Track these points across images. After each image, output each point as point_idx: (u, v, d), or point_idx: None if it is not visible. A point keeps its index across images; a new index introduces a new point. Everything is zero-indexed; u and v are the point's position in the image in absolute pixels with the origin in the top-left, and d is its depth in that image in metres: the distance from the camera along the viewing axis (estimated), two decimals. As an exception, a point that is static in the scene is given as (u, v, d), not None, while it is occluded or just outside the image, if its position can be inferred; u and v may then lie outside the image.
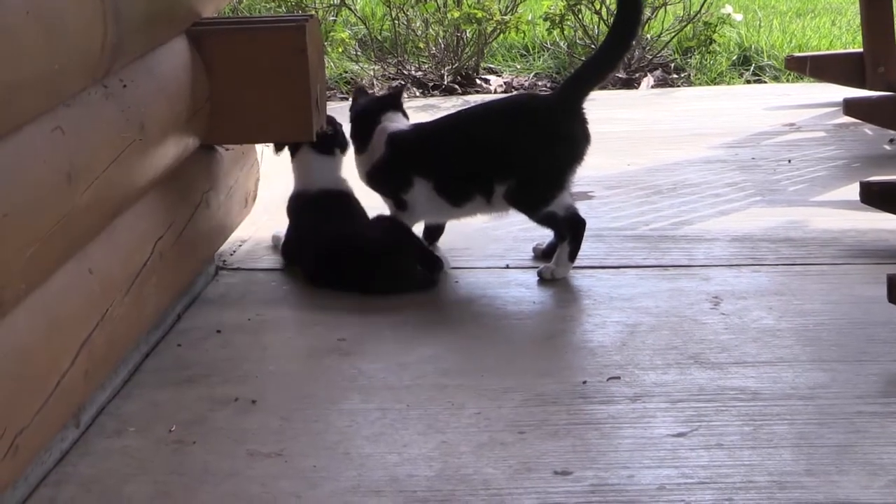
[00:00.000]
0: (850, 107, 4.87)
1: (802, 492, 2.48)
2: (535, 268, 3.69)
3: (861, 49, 5.09)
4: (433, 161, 3.71)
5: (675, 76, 6.23)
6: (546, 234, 3.75)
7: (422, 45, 6.31)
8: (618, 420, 2.80)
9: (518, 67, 6.39)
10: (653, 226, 4.06)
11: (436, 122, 3.90)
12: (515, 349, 3.24)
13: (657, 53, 6.28)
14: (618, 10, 3.76)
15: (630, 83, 6.11)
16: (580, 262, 3.67)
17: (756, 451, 2.64)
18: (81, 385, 2.67)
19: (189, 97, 3.34)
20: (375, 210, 3.80)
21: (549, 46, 6.47)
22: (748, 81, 6.14)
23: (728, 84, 6.12)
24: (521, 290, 3.59)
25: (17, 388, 2.39)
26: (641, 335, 3.23)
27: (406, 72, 6.21)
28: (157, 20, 3.20)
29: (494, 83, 6.15)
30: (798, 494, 2.47)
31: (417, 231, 3.79)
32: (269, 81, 3.47)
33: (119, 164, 2.82)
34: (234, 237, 3.92)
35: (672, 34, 6.32)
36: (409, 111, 3.90)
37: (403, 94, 3.99)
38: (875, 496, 2.46)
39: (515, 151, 3.61)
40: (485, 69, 6.35)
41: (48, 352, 2.53)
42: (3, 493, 2.40)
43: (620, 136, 5.03)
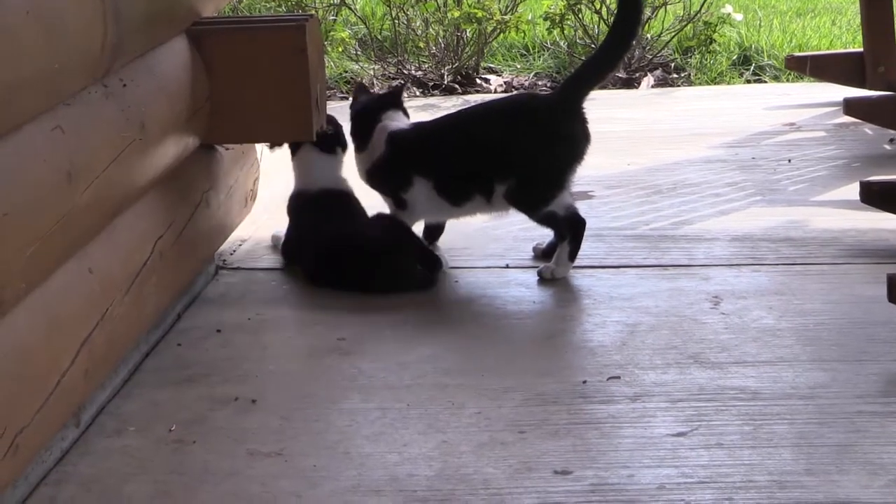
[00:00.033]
0: (851, 106, 4.87)
1: (802, 491, 2.48)
2: (535, 267, 3.69)
3: (861, 49, 5.08)
4: (433, 160, 3.71)
5: (676, 76, 6.23)
6: (546, 234, 3.75)
7: (422, 45, 6.30)
8: (618, 420, 2.80)
9: (518, 67, 6.39)
10: (653, 225, 4.06)
11: (436, 122, 3.90)
12: (515, 349, 3.23)
13: (657, 53, 6.28)
14: (618, 10, 3.76)
15: (630, 83, 6.11)
16: (580, 262, 3.67)
17: (756, 451, 2.64)
18: (81, 384, 2.67)
19: (189, 97, 3.34)
20: (375, 209, 3.79)
21: (550, 46, 6.47)
22: (748, 81, 6.14)
23: (728, 84, 6.11)
24: (521, 290, 3.59)
25: (18, 388, 2.39)
26: (641, 335, 3.23)
27: (406, 71, 6.20)
28: (158, 20, 3.20)
29: (494, 83, 6.15)
30: (798, 494, 2.47)
31: (417, 230, 3.79)
32: (270, 81, 3.47)
33: (119, 164, 2.82)
34: (234, 236, 3.92)
35: (672, 34, 6.31)
36: (410, 111, 3.89)
37: (404, 93, 3.99)
38: (875, 495, 2.46)
39: (515, 151, 3.61)
40: (485, 69, 6.35)
41: (48, 351, 2.53)
42: (4, 492, 2.40)
43: (620, 136, 5.03)
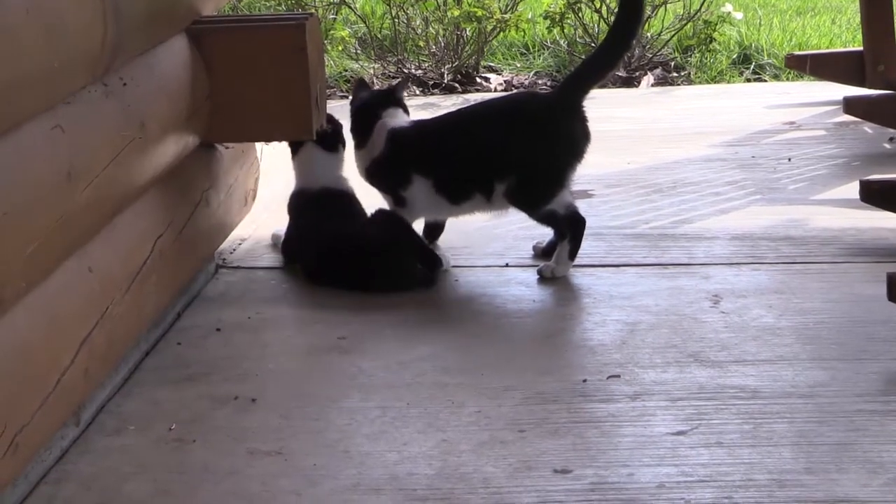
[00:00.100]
0: (851, 105, 4.87)
1: (802, 490, 2.48)
2: (535, 266, 3.69)
3: (861, 47, 5.08)
4: (433, 159, 3.71)
5: (676, 74, 6.23)
6: (546, 233, 3.75)
7: (422, 44, 6.30)
8: (618, 418, 2.80)
9: (518, 66, 6.38)
10: (653, 224, 4.06)
11: (436, 120, 3.90)
12: (515, 347, 3.24)
13: (657, 52, 6.28)
14: (619, 9, 3.76)
15: (630, 81, 6.11)
16: (580, 261, 3.67)
17: (756, 450, 2.64)
18: (81, 383, 2.67)
19: (189, 95, 3.34)
20: (375, 208, 3.79)
21: (550, 45, 6.47)
22: (748, 80, 6.14)
23: (728, 82, 6.11)
24: (521, 289, 3.59)
25: (18, 387, 2.39)
26: (641, 333, 3.23)
27: (406, 70, 6.20)
28: (158, 18, 3.20)
29: (494, 81, 6.15)
30: (798, 492, 2.47)
31: (417, 229, 3.79)
32: (270, 80, 3.47)
33: (119, 163, 2.82)
34: (234, 235, 3.92)
35: (672, 32, 6.31)
36: (409, 110, 3.89)
37: (404, 90, 3.98)
38: (874, 494, 2.46)
39: (515, 150, 3.61)
40: (485, 67, 6.35)
41: (48, 350, 2.53)
42: (4, 491, 2.40)
43: (620, 135, 5.03)
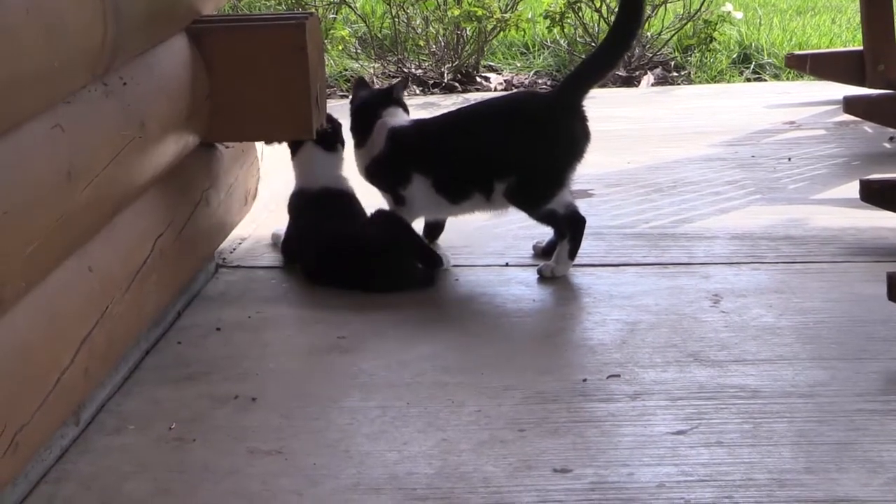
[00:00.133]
0: (851, 105, 4.87)
1: (802, 489, 2.48)
2: (535, 266, 3.69)
3: (861, 47, 5.08)
4: (433, 158, 3.71)
5: (676, 74, 6.23)
6: (546, 232, 3.75)
7: (422, 43, 6.30)
8: (618, 418, 2.80)
9: (518, 65, 6.39)
10: (653, 224, 4.06)
11: (436, 119, 3.90)
12: (515, 347, 3.23)
13: (657, 51, 6.28)
14: (619, 9, 3.76)
15: (630, 81, 6.11)
16: (580, 260, 3.67)
17: (756, 449, 2.64)
18: (81, 382, 2.67)
19: (189, 95, 3.34)
20: (375, 208, 3.79)
21: (550, 44, 6.47)
22: (748, 79, 6.14)
23: (728, 82, 6.11)
24: (521, 288, 3.59)
25: (18, 386, 2.39)
26: (641, 333, 3.23)
27: (406, 70, 6.20)
28: (158, 18, 3.20)
29: (494, 81, 6.15)
30: (798, 492, 2.47)
31: (417, 228, 3.79)
32: (270, 79, 3.47)
33: (119, 162, 2.82)
34: (234, 235, 3.92)
35: (672, 32, 6.31)
36: (409, 109, 3.89)
37: (404, 90, 3.98)
38: (874, 493, 2.46)
39: (515, 149, 3.61)
40: (485, 67, 6.35)
41: (48, 349, 2.53)
42: (4, 490, 2.40)
43: (620, 134, 5.03)
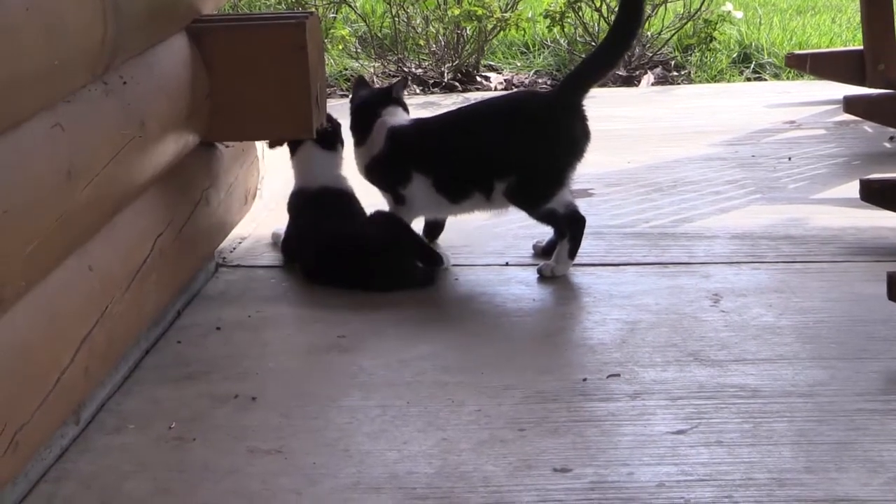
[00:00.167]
0: (851, 104, 4.87)
1: (802, 489, 2.48)
2: (535, 265, 3.69)
3: (861, 47, 5.08)
4: (433, 157, 3.71)
5: (676, 74, 6.23)
6: (546, 232, 3.75)
7: (422, 43, 6.30)
8: (617, 417, 2.80)
9: (518, 65, 6.38)
10: (653, 223, 4.06)
11: (436, 118, 3.90)
12: (515, 346, 3.23)
13: (657, 51, 6.28)
14: (619, 8, 3.76)
15: (630, 80, 6.11)
16: (580, 260, 3.67)
17: (756, 449, 2.64)
18: (81, 382, 2.67)
19: (189, 94, 3.33)
20: (376, 208, 3.79)
21: (550, 44, 6.47)
22: (748, 79, 6.14)
23: (728, 81, 6.11)
24: (521, 288, 3.59)
25: (18, 385, 2.39)
26: (641, 332, 3.23)
27: (406, 69, 6.20)
28: (158, 17, 3.20)
29: (495, 80, 6.15)
30: (797, 492, 2.47)
31: (418, 227, 3.79)
32: (270, 78, 3.47)
33: (119, 161, 2.82)
34: (234, 234, 3.92)
35: (672, 31, 6.31)
36: (410, 109, 3.89)
37: (404, 89, 3.98)
38: (874, 493, 2.46)
39: (515, 149, 3.61)
40: (485, 66, 6.35)
41: (48, 349, 2.53)
42: (4, 490, 2.40)
43: (621, 134, 5.03)
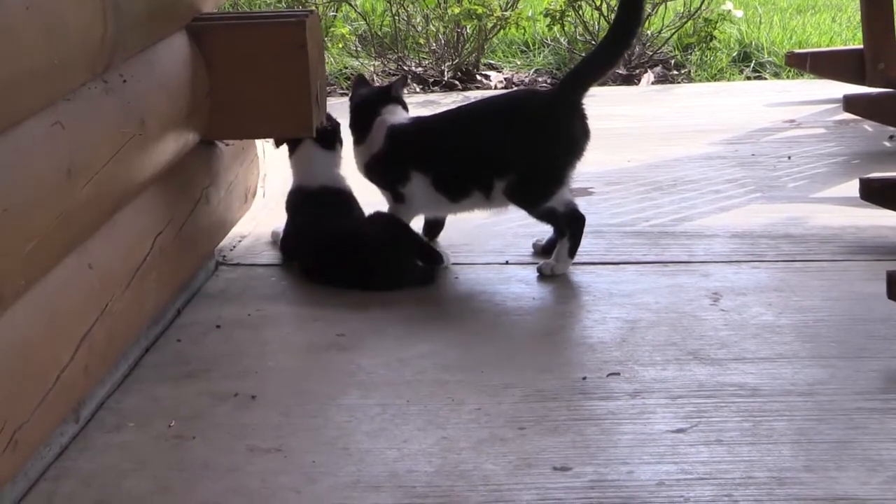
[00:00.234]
0: (851, 103, 4.87)
1: (801, 488, 2.48)
2: (535, 264, 3.69)
3: (861, 46, 5.08)
4: (432, 156, 3.71)
5: (676, 72, 6.23)
6: (546, 230, 3.75)
7: (422, 41, 6.30)
8: (617, 416, 2.80)
9: (518, 63, 6.38)
10: (652, 222, 4.06)
11: (436, 117, 3.90)
12: (515, 345, 3.23)
13: (657, 50, 6.28)
14: (619, 7, 3.76)
15: (630, 79, 6.11)
16: (580, 258, 3.67)
17: (755, 448, 2.64)
18: (81, 380, 2.67)
19: (189, 92, 3.33)
20: (375, 207, 3.79)
21: (550, 42, 6.47)
22: (748, 78, 6.14)
23: (728, 80, 6.11)
24: (521, 286, 3.59)
25: (17, 383, 2.39)
26: (641, 331, 3.23)
27: (406, 67, 6.20)
28: (158, 15, 3.20)
29: (494, 79, 6.15)
30: (797, 490, 2.47)
31: (418, 226, 3.79)
32: (270, 77, 3.47)
33: (119, 160, 2.82)
34: (234, 232, 3.92)
35: (672, 30, 6.31)
36: (409, 107, 3.89)
37: (404, 88, 3.98)
38: (874, 492, 2.46)
39: (515, 147, 3.61)
40: (485, 65, 6.35)
41: (48, 347, 2.53)
42: (3, 488, 2.40)
43: (620, 133, 5.03)
